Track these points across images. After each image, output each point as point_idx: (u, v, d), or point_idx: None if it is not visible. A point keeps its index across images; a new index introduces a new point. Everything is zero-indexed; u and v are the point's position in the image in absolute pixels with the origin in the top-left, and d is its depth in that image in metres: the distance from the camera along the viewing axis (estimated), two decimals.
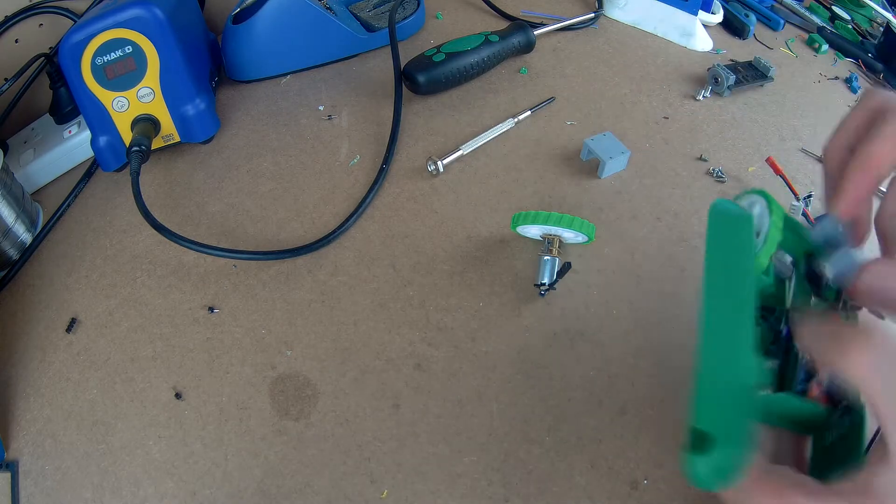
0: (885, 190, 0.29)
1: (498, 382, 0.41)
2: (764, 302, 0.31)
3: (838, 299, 0.30)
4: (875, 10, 0.71)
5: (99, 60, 0.46)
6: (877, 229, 0.30)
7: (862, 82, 0.65)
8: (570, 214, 0.43)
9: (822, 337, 0.24)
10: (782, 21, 0.71)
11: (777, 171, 0.50)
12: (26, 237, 0.48)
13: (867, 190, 0.28)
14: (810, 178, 0.54)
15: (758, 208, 0.28)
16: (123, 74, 0.47)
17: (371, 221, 0.49)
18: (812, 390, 0.27)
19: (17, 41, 0.56)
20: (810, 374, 0.28)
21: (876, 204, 0.30)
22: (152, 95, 0.49)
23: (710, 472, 0.22)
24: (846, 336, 0.23)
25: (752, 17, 0.69)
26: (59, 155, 0.53)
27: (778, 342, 0.29)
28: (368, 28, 0.64)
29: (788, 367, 0.28)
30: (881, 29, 0.71)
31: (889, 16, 0.67)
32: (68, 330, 0.44)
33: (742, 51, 0.67)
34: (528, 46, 0.62)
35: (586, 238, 0.44)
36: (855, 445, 0.26)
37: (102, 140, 0.50)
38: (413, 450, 0.38)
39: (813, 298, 0.31)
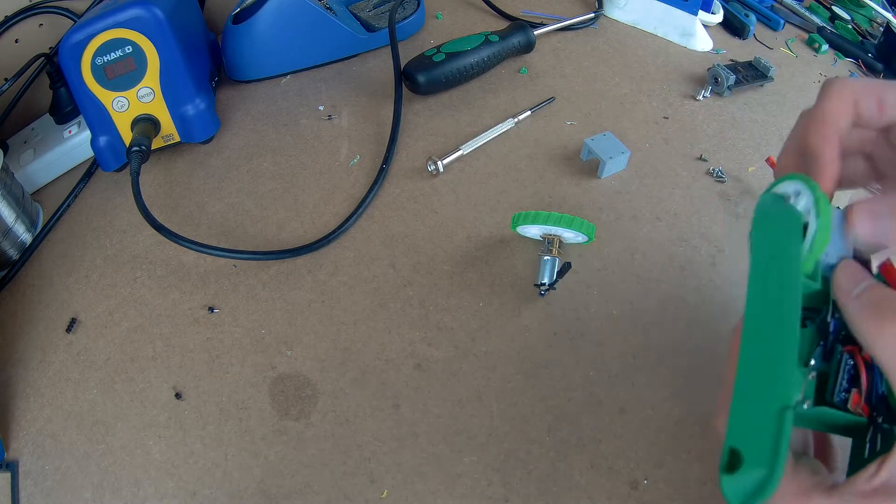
0: (878, 186, 0.29)
1: (498, 382, 0.41)
2: (808, 303, 0.27)
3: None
4: (875, 10, 0.71)
5: (99, 60, 0.46)
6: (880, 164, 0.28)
7: None
8: (570, 214, 0.43)
9: (862, 301, 0.23)
10: (782, 21, 0.71)
11: None
12: (26, 237, 0.48)
13: (836, 152, 0.26)
14: None
15: (803, 202, 0.26)
16: (123, 74, 0.47)
17: (371, 221, 0.49)
18: (853, 398, 0.25)
19: (17, 41, 0.56)
20: (853, 381, 0.25)
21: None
22: (152, 95, 0.49)
23: (741, 493, 0.22)
24: (888, 306, 0.21)
25: (752, 17, 0.69)
26: (59, 155, 0.53)
27: (825, 342, 0.26)
28: (368, 28, 0.64)
29: (831, 372, 0.26)
30: (881, 29, 0.71)
31: (889, 16, 0.67)
32: (68, 330, 0.44)
33: (742, 51, 0.67)
34: (528, 46, 0.62)
35: (586, 238, 0.44)
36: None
37: (102, 140, 0.50)
38: (413, 450, 0.38)
39: None
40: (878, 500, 0.22)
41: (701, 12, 0.66)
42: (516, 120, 0.57)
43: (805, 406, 0.24)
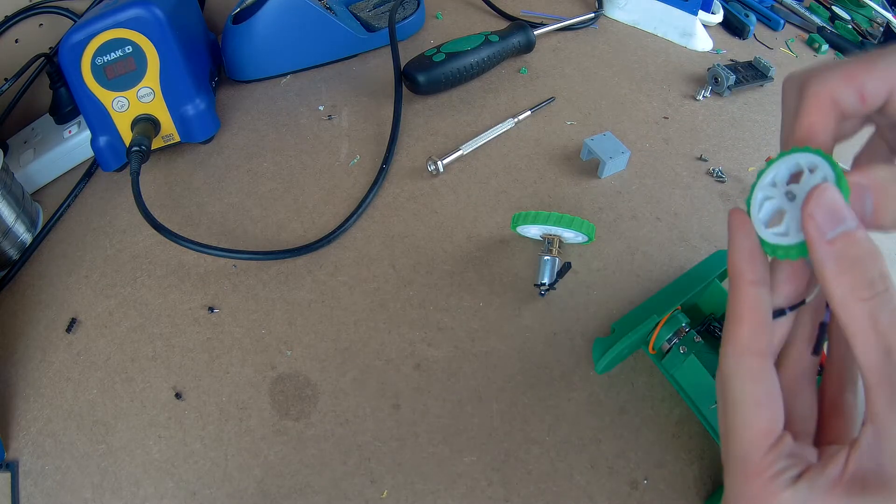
0: None
1: (498, 382, 0.41)
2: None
3: None
4: (875, 10, 0.71)
5: (99, 60, 0.46)
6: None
7: None
8: (570, 214, 0.43)
9: (834, 248, 0.21)
10: (782, 21, 0.71)
11: None
12: (26, 237, 0.48)
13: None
14: None
15: (819, 176, 0.23)
16: (123, 74, 0.47)
17: (371, 221, 0.49)
18: None
19: (17, 41, 0.56)
20: None
21: None
22: (152, 95, 0.49)
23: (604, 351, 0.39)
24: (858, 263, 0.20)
25: (752, 17, 0.69)
26: (59, 155, 0.53)
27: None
28: (368, 28, 0.64)
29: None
30: (881, 29, 0.71)
31: (889, 16, 0.67)
32: (68, 330, 0.44)
33: (742, 51, 0.67)
34: (528, 46, 0.62)
35: (586, 238, 0.44)
36: None
37: (102, 140, 0.50)
38: (413, 450, 0.38)
39: None
40: (847, 494, 0.21)
41: (701, 12, 0.66)
42: (516, 120, 0.57)
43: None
